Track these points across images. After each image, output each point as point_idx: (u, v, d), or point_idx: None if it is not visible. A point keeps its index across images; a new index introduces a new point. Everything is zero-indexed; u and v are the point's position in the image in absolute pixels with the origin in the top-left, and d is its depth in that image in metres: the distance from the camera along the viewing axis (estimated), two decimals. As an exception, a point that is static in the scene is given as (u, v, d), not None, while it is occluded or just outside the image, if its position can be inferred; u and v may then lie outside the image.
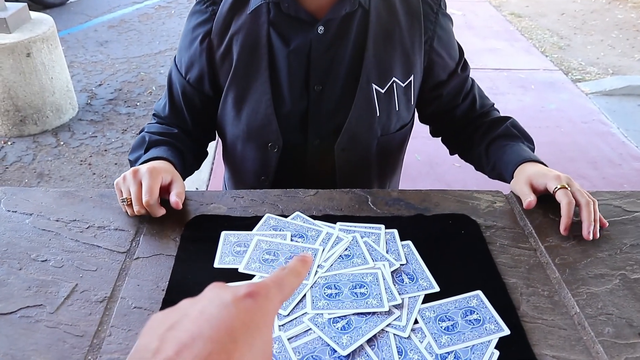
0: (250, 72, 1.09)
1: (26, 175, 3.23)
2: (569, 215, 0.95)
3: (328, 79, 1.10)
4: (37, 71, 3.39)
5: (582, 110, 4.05)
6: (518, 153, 1.10)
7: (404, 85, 1.13)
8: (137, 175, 0.95)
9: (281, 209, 1.00)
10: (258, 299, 0.46)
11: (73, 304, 0.79)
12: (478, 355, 0.72)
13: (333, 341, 0.73)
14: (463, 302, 0.81)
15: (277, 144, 1.14)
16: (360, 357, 0.71)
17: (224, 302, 0.45)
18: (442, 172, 3.18)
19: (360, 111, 1.12)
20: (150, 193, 0.92)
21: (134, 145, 1.14)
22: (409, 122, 1.22)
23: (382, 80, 1.11)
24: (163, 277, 0.84)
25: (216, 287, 0.48)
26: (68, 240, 0.91)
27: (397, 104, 1.15)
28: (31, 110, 3.47)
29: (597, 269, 0.89)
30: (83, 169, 3.30)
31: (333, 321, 0.76)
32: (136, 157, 1.10)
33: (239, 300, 0.45)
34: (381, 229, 0.95)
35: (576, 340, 0.76)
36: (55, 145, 3.51)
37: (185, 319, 0.43)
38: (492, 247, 0.93)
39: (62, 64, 3.62)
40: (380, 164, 1.25)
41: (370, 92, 1.10)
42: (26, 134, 3.56)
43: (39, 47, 3.34)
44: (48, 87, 3.49)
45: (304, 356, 0.71)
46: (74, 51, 4.97)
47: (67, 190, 1.02)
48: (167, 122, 1.20)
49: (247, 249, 0.89)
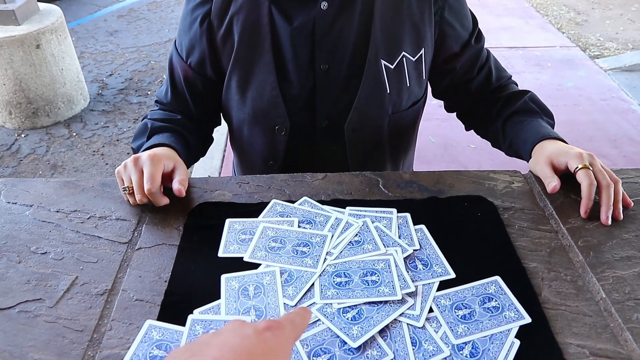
0: (253, 53, 1.05)
1: (40, 167, 3.23)
2: (589, 197, 0.90)
3: (334, 57, 1.05)
4: (47, 63, 3.37)
5: (600, 87, 3.94)
6: (536, 130, 1.05)
7: (414, 59, 1.08)
8: (138, 162, 0.92)
9: (288, 195, 0.96)
10: (276, 332, 0.50)
11: (73, 297, 0.76)
12: (497, 345, 0.68)
13: (343, 332, 0.69)
14: (480, 288, 0.76)
15: (285, 127, 1.10)
16: (372, 348, 0.68)
17: (245, 334, 0.48)
18: (456, 153, 3.11)
19: (369, 89, 1.07)
20: (152, 181, 0.89)
21: (137, 132, 1.11)
22: (421, 98, 1.17)
23: (391, 56, 1.06)
24: (165, 268, 0.81)
25: (237, 322, 0.51)
26: (68, 232, 0.88)
27: (407, 80, 1.10)
28: (43, 102, 3.46)
29: (623, 251, 0.84)
30: (96, 160, 3.29)
31: (343, 311, 0.72)
32: (139, 144, 1.07)
33: (259, 332, 0.48)
34: (393, 213, 0.91)
35: (602, 328, 0.71)
36: (67, 136, 3.50)
37: (208, 347, 0.46)
38: (510, 229, 0.88)
39: (72, 55, 3.60)
40: (393, 144, 1.20)
41: (379, 68, 1.05)
42: (39, 126, 3.55)
43: (48, 38, 3.32)
44: (59, 79, 3.48)
45: (312, 349, 0.67)
46: (84, 42, 4.95)
47: (68, 180, 0.99)
48: (169, 109, 1.16)
49: (252, 236, 0.85)
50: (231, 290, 0.76)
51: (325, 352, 0.67)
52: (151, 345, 0.68)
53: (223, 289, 0.76)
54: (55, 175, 3.16)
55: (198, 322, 0.71)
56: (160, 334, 0.69)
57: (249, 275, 0.78)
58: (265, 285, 0.77)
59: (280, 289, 0.76)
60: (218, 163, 3.12)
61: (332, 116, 1.11)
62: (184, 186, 0.92)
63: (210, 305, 0.74)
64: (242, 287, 0.76)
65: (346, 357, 0.67)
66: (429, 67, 1.14)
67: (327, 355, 0.67)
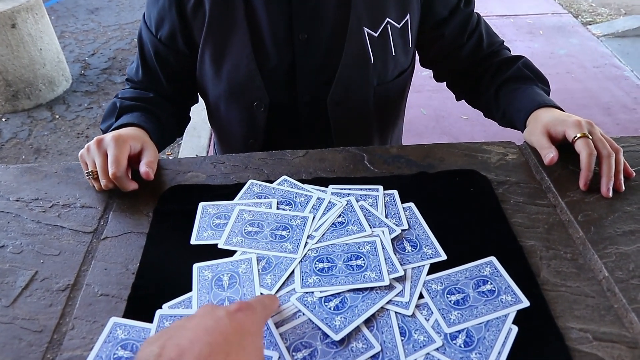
0: (226, 24, 0.97)
1: (23, 151, 3.14)
2: (589, 168, 0.84)
3: (314, 26, 0.97)
4: (24, 43, 3.26)
5: (593, 54, 3.87)
6: (531, 97, 0.98)
7: (399, 26, 1.01)
8: (101, 145, 0.85)
9: (266, 174, 0.89)
10: (247, 312, 0.53)
11: (32, 294, 0.70)
12: (494, 332, 0.62)
13: (324, 323, 0.63)
14: (474, 270, 0.70)
15: (264, 103, 1.03)
16: (357, 341, 0.62)
17: (218, 316, 0.51)
18: (448, 125, 3.05)
19: (352, 59, 1.00)
20: (117, 164, 0.82)
21: (105, 113, 1.03)
22: (408, 68, 1.10)
23: (375, 23, 0.98)
24: (133, 259, 0.74)
25: (208, 307, 0.53)
26: (29, 222, 0.81)
27: (393, 49, 1.03)
28: (22, 84, 3.36)
29: (626, 225, 0.78)
30: (81, 142, 3.21)
31: (325, 300, 0.66)
32: (107, 125, 1.00)
33: (231, 314, 0.52)
34: (379, 191, 0.84)
35: (606, 310, 0.66)
36: (50, 119, 3.41)
37: (183, 330, 0.49)
38: (505, 205, 0.82)
39: (51, 34, 3.49)
40: (380, 117, 1.13)
41: (362, 36, 0.98)
42: (20, 109, 3.46)
43: (23, 17, 3.20)
44: (38, 59, 3.37)
45: (291, 343, 0.62)
46: (64, 20, 4.81)
47: (29, 166, 0.92)
48: (141, 87, 1.09)
49: (227, 221, 0.79)
50: (204, 280, 0.69)
51: (305, 346, 0.61)
52: (115, 345, 0.62)
53: (195, 280, 0.70)
54: (39, 159, 3.07)
55: (167, 317, 0.65)
56: (126, 333, 0.63)
57: (224, 264, 0.72)
58: (241, 274, 0.70)
59: (257, 278, 0.70)
60: (205, 142, 3.05)
61: (313, 90, 1.04)
62: (152, 169, 0.85)
63: (181, 299, 0.67)
64: (216, 277, 0.70)
65: (329, 351, 0.61)
66: (415, 35, 1.06)
67: (308, 349, 0.61)
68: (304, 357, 0.60)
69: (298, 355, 0.60)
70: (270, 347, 0.60)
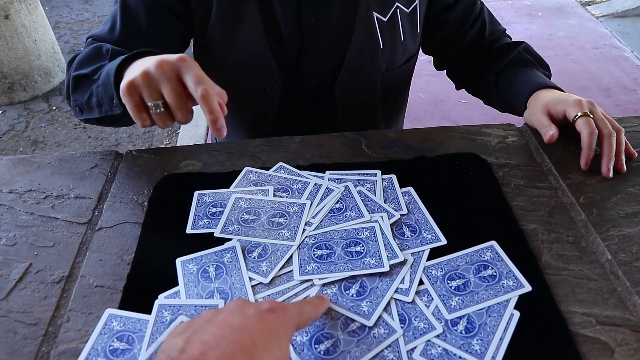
0: (236, 7, 0.94)
1: (21, 143, 3.12)
2: (590, 147, 0.82)
3: (322, 10, 0.95)
4: (18, 34, 3.22)
5: (593, 35, 3.83)
6: (532, 80, 0.96)
7: (408, 11, 0.99)
8: (169, 66, 0.66)
9: (263, 161, 0.87)
10: (278, 313, 0.51)
11: (26, 287, 0.69)
12: (495, 318, 0.61)
13: (353, 312, 0.62)
14: (475, 255, 0.69)
15: (276, 85, 1.01)
16: (378, 327, 0.60)
17: (246, 314, 0.49)
18: (447, 109, 3.02)
19: (361, 44, 0.98)
20: (210, 84, 0.67)
21: (81, 60, 0.87)
22: (415, 54, 1.09)
23: (384, 7, 0.96)
24: (129, 249, 0.73)
25: (240, 301, 0.52)
26: (22, 214, 0.79)
27: (402, 34, 1.01)
28: (18, 76, 3.33)
29: (629, 206, 0.77)
30: (78, 133, 3.19)
31: (344, 287, 0.65)
32: (93, 69, 0.83)
33: (260, 313, 0.50)
34: (377, 176, 0.83)
35: (609, 293, 0.65)
36: (47, 110, 3.38)
37: (209, 325, 0.48)
38: (506, 188, 0.81)
39: (45, 25, 3.44)
40: (387, 103, 1.12)
41: (371, 21, 0.96)
42: (16, 101, 3.42)
43: (17, 8, 3.16)
44: (33, 51, 3.33)
45: (312, 335, 0.60)
46: (59, 11, 4.76)
47: (22, 157, 0.90)
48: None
49: (223, 209, 0.77)
50: (190, 274, 0.68)
51: (327, 337, 0.60)
52: (111, 337, 0.61)
53: (180, 274, 0.68)
54: (36, 151, 3.06)
55: (165, 307, 0.63)
56: (122, 324, 0.62)
57: (207, 255, 0.70)
58: (227, 263, 0.69)
59: (243, 265, 0.68)
60: (203, 131, 3.03)
61: (321, 76, 1.02)
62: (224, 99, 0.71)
63: (173, 291, 0.66)
64: (202, 269, 0.68)
65: (351, 339, 0.59)
66: (423, 20, 1.04)
67: (330, 340, 0.59)
68: (327, 349, 0.59)
69: (321, 347, 0.59)
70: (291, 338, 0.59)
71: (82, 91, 0.85)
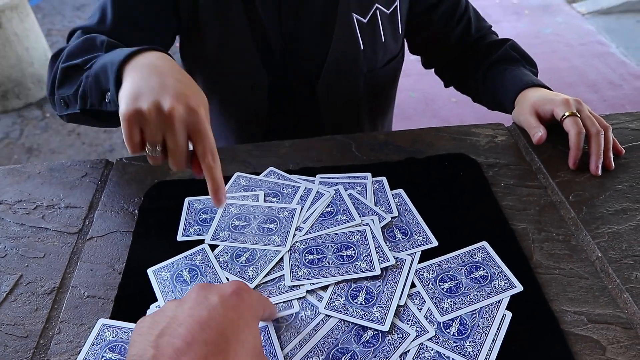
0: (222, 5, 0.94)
1: (15, 151, 3.10)
2: (577, 146, 0.83)
3: (302, 11, 0.95)
4: (10, 42, 3.21)
5: (579, 31, 3.86)
6: (519, 78, 0.97)
7: (388, 12, 0.99)
8: (181, 117, 0.60)
9: (253, 166, 0.87)
10: (242, 294, 0.50)
11: (17, 299, 0.68)
12: (487, 319, 0.61)
13: (366, 320, 0.61)
14: (466, 256, 0.70)
15: (264, 84, 1.01)
16: (391, 333, 0.60)
17: (212, 304, 0.47)
18: (438, 108, 3.03)
19: (341, 45, 0.98)
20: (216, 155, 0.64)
21: (71, 51, 0.82)
22: (397, 54, 1.09)
23: (364, 9, 0.96)
24: (120, 258, 0.72)
25: (202, 288, 0.50)
26: (12, 225, 0.79)
27: (382, 35, 1.01)
28: (11, 83, 3.31)
29: (617, 203, 0.77)
30: (72, 140, 3.17)
31: (351, 297, 0.64)
32: (85, 59, 0.77)
33: (226, 299, 0.48)
34: (368, 178, 0.83)
35: (600, 291, 0.65)
36: (41, 118, 3.36)
37: (175, 324, 0.45)
38: (495, 188, 0.81)
39: (37, 33, 3.43)
40: (371, 104, 1.12)
41: (351, 22, 0.96)
42: (10, 109, 3.40)
43: (8, 16, 3.15)
44: (25, 58, 3.32)
45: (328, 353, 0.60)
46: (51, 18, 4.73)
47: (11, 168, 0.90)
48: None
49: (214, 215, 0.77)
50: (164, 281, 0.68)
51: (343, 352, 0.59)
52: (104, 347, 0.60)
53: (154, 283, 0.68)
54: (31, 159, 3.03)
55: (156, 317, 0.63)
56: (114, 334, 0.62)
57: (178, 261, 0.70)
58: (199, 265, 0.69)
59: (216, 264, 0.69)
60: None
61: (302, 76, 1.02)
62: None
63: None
64: (175, 275, 0.68)
65: (367, 350, 0.59)
66: (405, 20, 1.05)
67: (346, 355, 0.58)
68: None
69: None
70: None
71: (72, 83, 0.79)
